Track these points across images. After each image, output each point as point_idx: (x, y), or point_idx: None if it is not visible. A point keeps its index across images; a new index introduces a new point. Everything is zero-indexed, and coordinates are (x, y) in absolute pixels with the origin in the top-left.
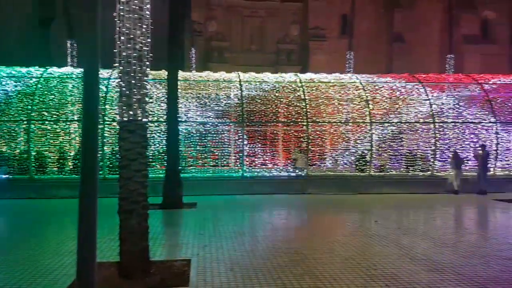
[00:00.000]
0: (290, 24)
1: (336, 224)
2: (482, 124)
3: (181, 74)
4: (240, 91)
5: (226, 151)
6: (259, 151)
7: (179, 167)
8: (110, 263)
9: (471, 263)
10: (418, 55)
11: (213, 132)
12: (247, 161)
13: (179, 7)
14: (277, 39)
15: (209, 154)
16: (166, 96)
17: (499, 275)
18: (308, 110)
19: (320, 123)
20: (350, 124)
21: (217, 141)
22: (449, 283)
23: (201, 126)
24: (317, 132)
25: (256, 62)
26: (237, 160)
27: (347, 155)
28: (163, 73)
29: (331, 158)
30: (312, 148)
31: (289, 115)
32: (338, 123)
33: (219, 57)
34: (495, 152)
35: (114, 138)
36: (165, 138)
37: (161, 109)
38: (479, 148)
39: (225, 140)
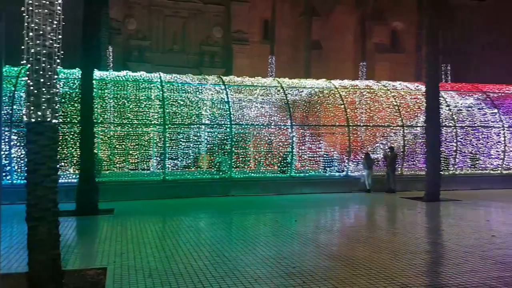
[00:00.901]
0: (213, 26)
1: (257, 224)
2: (391, 127)
3: (97, 73)
4: (161, 92)
5: (147, 154)
6: (182, 153)
7: (94, 171)
8: (19, 274)
9: (380, 257)
10: (334, 62)
11: (132, 134)
12: (169, 164)
13: (94, 3)
14: (200, 41)
15: (128, 157)
16: (81, 96)
17: (406, 268)
18: (232, 112)
19: (243, 126)
20: (272, 127)
21: (136, 143)
22: (361, 277)
23: (119, 127)
24: (241, 135)
25: (179, 63)
26: (159, 163)
27: (269, 157)
28: (78, 72)
29: (254, 160)
30: (236, 151)
31: (213, 117)
32: (261, 126)
33: (139, 56)
34: (402, 153)
35: (23, 140)
36: (79, 140)
37: (76, 109)
38: (388, 150)
39: (145, 142)
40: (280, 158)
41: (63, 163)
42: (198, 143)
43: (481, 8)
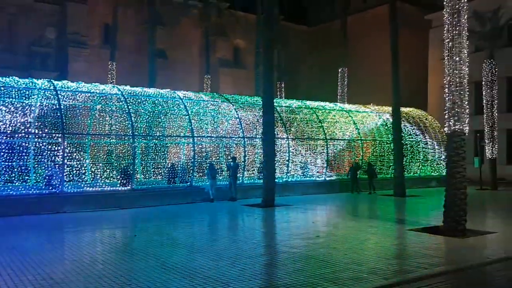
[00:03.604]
0: (45, 26)
1: (93, 242)
2: (233, 138)
3: None
4: None
5: None
6: (4, 166)
7: None
8: None
9: (218, 265)
10: (180, 73)
11: None
12: None
13: None
14: (30, 41)
15: None
16: None
17: (241, 272)
18: (65, 120)
19: (78, 135)
20: (112, 137)
21: None
22: (197, 286)
23: None
24: (75, 145)
25: (3, 63)
26: None
27: (108, 169)
28: None
29: (91, 172)
30: (69, 162)
31: (42, 126)
32: (99, 135)
33: None
34: (243, 163)
35: None
36: None
37: None
38: (231, 160)
39: None
40: (120, 170)
41: None
42: (24, 154)
43: (308, 34)
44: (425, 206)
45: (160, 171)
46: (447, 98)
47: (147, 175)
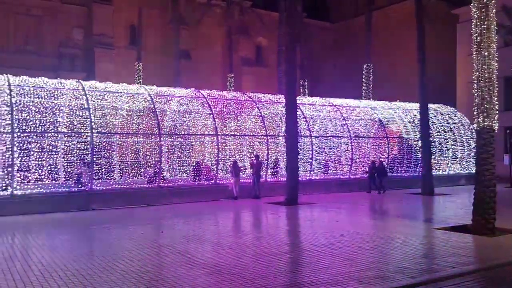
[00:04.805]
0: (73, 27)
1: (121, 239)
2: (256, 137)
3: None
4: (9, 97)
5: None
6: (34, 164)
7: None
8: None
9: (243, 262)
10: (203, 72)
11: None
12: (18, 177)
13: None
14: (58, 42)
15: None
16: None
17: (266, 270)
18: (94, 120)
19: (106, 134)
20: (139, 135)
21: None
22: (223, 283)
23: None
24: (103, 143)
25: (32, 65)
26: (6, 176)
27: (136, 167)
28: None
29: (119, 170)
30: (98, 161)
31: (71, 125)
32: (126, 135)
33: None
34: (266, 161)
35: None
36: None
37: None
38: (254, 158)
39: None
40: (148, 168)
41: None
42: (54, 153)
43: (331, 30)
44: (453, 204)
45: (185, 169)
46: (475, 94)
47: (172, 172)
